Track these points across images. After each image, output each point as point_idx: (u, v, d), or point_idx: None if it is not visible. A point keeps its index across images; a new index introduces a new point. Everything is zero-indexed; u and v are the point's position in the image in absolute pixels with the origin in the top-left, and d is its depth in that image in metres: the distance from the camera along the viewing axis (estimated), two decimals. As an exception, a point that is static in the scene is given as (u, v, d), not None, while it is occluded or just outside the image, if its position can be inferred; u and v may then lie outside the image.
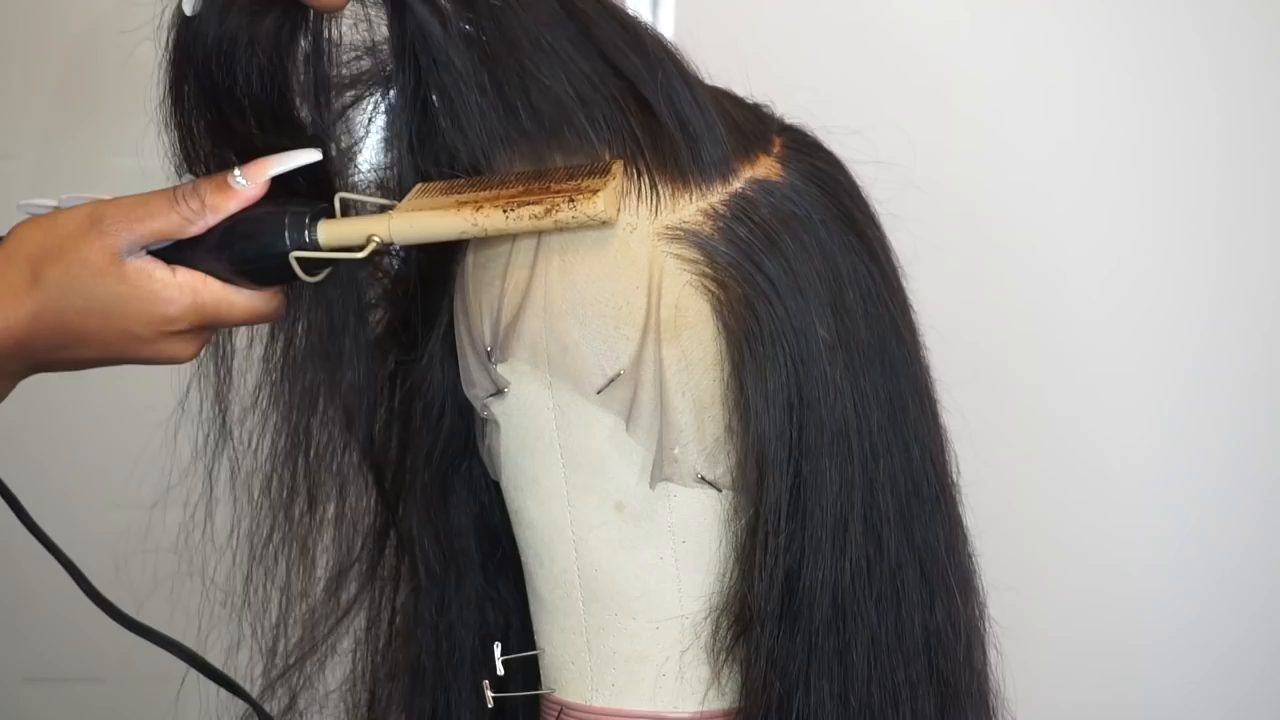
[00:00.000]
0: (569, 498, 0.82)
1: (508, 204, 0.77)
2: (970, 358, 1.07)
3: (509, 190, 0.78)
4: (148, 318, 0.83)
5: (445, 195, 0.81)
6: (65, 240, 0.82)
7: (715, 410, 0.79)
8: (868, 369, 0.80)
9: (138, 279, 0.82)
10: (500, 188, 0.79)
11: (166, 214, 0.82)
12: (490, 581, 0.92)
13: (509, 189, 0.79)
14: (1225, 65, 1.53)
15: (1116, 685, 1.53)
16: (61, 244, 0.82)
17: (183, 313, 0.83)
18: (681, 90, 0.82)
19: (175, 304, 0.83)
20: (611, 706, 0.83)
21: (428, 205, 0.80)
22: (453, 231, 0.79)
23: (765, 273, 0.78)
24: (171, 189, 0.83)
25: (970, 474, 0.87)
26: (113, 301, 0.83)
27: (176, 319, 0.83)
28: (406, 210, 0.80)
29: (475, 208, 0.78)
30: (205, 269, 0.83)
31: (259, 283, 0.84)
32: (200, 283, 0.83)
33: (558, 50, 0.79)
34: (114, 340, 0.84)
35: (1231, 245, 1.54)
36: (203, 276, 0.83)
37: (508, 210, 0.77)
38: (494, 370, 0.81)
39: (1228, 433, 1.54)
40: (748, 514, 0.80)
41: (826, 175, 0.84)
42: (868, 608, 0.79)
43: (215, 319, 0.84)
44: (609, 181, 0.77)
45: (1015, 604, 0.92)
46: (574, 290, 0.79)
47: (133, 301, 0.83)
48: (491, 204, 0.77)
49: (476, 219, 0.78)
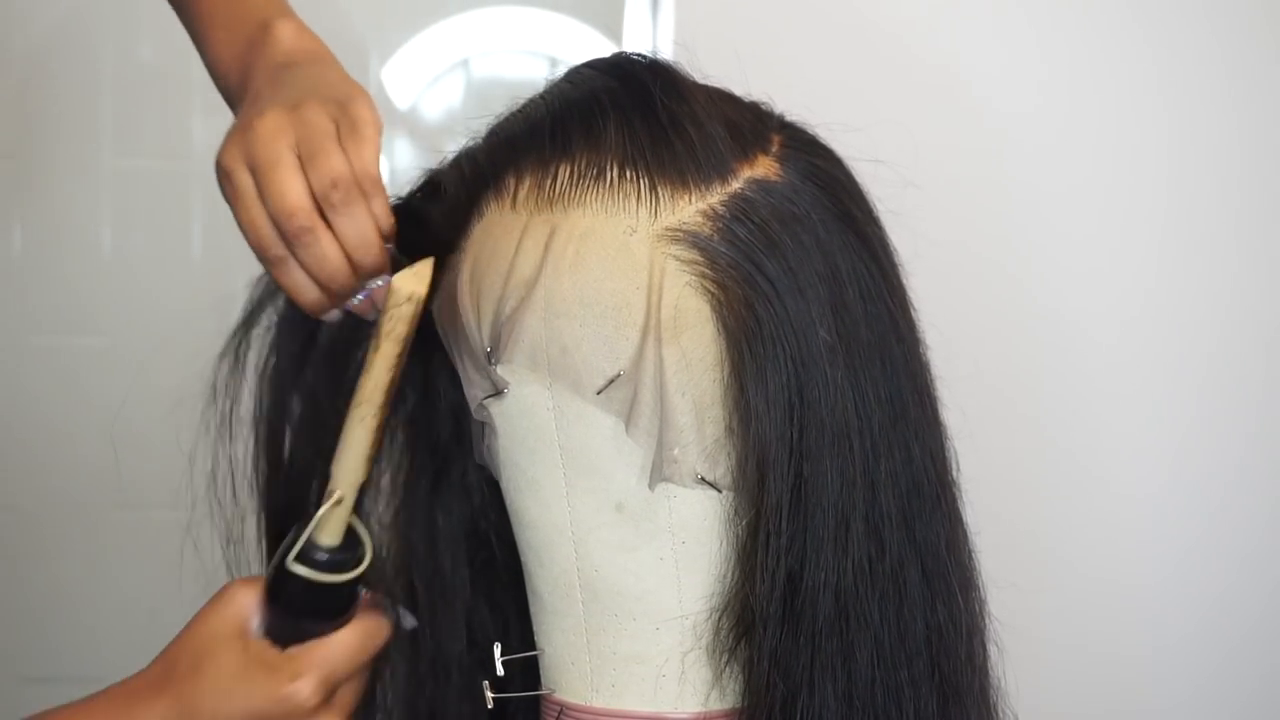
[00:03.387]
0: (569, 498, 0.82)
1: (363, 365, 0.80)
2: (970, 355, 1.07)
3: (366, 367, 0.81)
4: None
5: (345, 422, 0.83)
6: None
7: (715, 411, 0.79)
8: (868, 368, 0.80)
9: None
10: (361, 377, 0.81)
11: None
12: (478, 585, 0.92)
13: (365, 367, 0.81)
14: (1230, 63, 1.52)
15: (1118, 682, 1.53)
16: None
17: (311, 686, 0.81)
18: (678, 92, 0.82)
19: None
20: (611, 707, 0.83)
21: (345, 441, 0.82)
22: (359, 433, 0.81)
23: (765, 273, 0.78)
24: None
25: (970, 471, 0.87)
26: None
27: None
28: (334, 456, 0.82)
29: (353, 397, 0.80)
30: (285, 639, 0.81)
31: (329, 618, 0.82)
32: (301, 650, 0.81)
33: None
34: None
35: (1235, 241, 1.54)
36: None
37: (364, 369, 0.80)
38: (493, 372, 0.81)
39: (1231, 428, 1.54)
40: (748, 515, 0.79)
41: (825, 174, 0.83)
42: (870, 607, 0.79)
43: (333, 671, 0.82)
44: (401, 266, 0.80)
45: (1016, 601, 0.92)
46: (574, 291, 0.79)
47: None
48: (359, 380, 0.80)
49: (359, 401, 0.81)
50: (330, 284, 0.83)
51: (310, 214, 0.82)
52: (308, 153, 0.82)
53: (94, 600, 1.69)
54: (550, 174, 0.81)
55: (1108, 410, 1.54)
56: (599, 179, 0.80)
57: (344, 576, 0.82)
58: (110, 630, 1.67)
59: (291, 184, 0.81)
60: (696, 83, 0.85)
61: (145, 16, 1.69)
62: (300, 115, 0.83)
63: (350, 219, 0.82)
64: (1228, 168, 1.53)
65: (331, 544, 0.82)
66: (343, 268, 0.83)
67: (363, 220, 0.83)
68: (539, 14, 1.74)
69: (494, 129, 0.86)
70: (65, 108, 1.71)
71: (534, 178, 0.82)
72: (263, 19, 0.93)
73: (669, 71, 0.84)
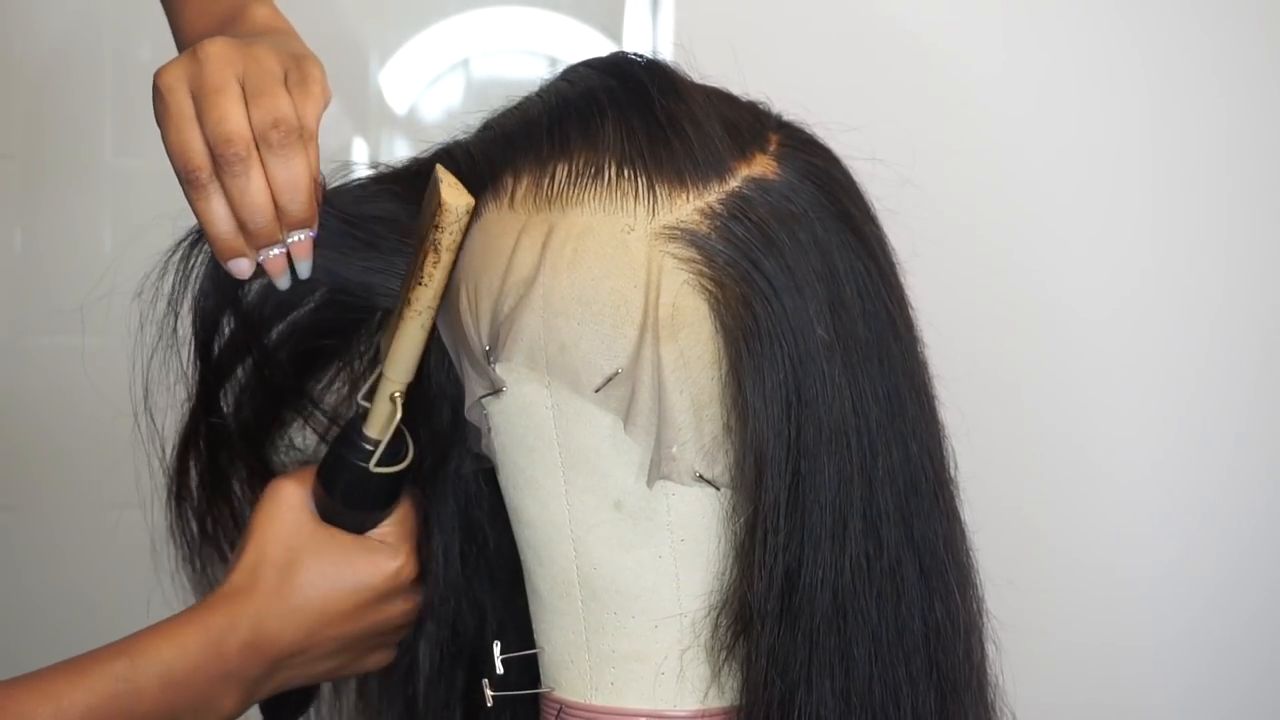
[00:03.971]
0: (568, 497, 0.82)
1: (418, 278, 0.82)
2: (968, 353, 1.07)
3: (412, 268, 0.83)
4: None
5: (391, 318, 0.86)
6: None
7: (713, 409, 0.79)
8: (866, 366, 0.80)
9: None
10: (412, 267, 0.84)
11: None
12: (470, 580, 0.93)
13: (414, 261, 0.84)
14: (1229, 64, 1.52)
15: (1116, 679, 1.53)
16: None
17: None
18: (676, 91, 0.82)
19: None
20: (611, 705, 0.83)
21: (389, 329, 0.86)
22: (419, 335, 0.84)
23: (763, 271, 0.78)
24: None
25: (968, 469, 0.87)
26: None
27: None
28: (386, 350, 0.86)
29: (410, 305, 0.83)
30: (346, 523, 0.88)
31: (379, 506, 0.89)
32: None
33: None
34: None
35: (1233, 238, 1.54)
36: None
37: (423, 282, 0.82)
38: (492, 371, 0.81)
39: (1229, 427, 1.54)
40: (746, 512, 0.80)
41: (823, 172, 0.84)
42: (868, 605, 0.79)
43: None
44: (440, 185, 0.81)
45: (1014, 599, 0.92)
46: (572, 290, 0.79)
47: None
48: (415, 289, 0.83)
49: (420, 309, 0.83)
50: (250, 222, 0.81)
51: (249, 144, 0.80)
52: (254, 89, 0.81)
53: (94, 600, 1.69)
54: (548, 173, 0.81)
55: (1106, 408, 1.54)
56: (597, 178, 0.80)
57: (399, 467, 0.87)
58: (111, 629, 1.67)
59: (233, 111, 0.80)
60: (694, 82, 0.86)
61: (145, 17, 1.69)
62: (252, 52, 0.83)
63: (285, 162, 0.81)
64: (1227, 166, 1.53)
65: (382, 438, 0.86)
66: (267, 207, 0.81)
67: (298, 165, 0.81)
68: (539, 14, 1.74)
69: (489, 124, 0.86)
70: (66, 108, 1.71)
71: (532, 177, 0.82)
72: (240, 3, 0.93)
73: (667, 71, 0.84)
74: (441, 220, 0.81)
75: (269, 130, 0.80)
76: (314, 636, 0.85)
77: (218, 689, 0.82)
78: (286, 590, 0.85)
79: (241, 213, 0.81)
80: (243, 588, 0.84)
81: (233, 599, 0.84)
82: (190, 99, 0.81)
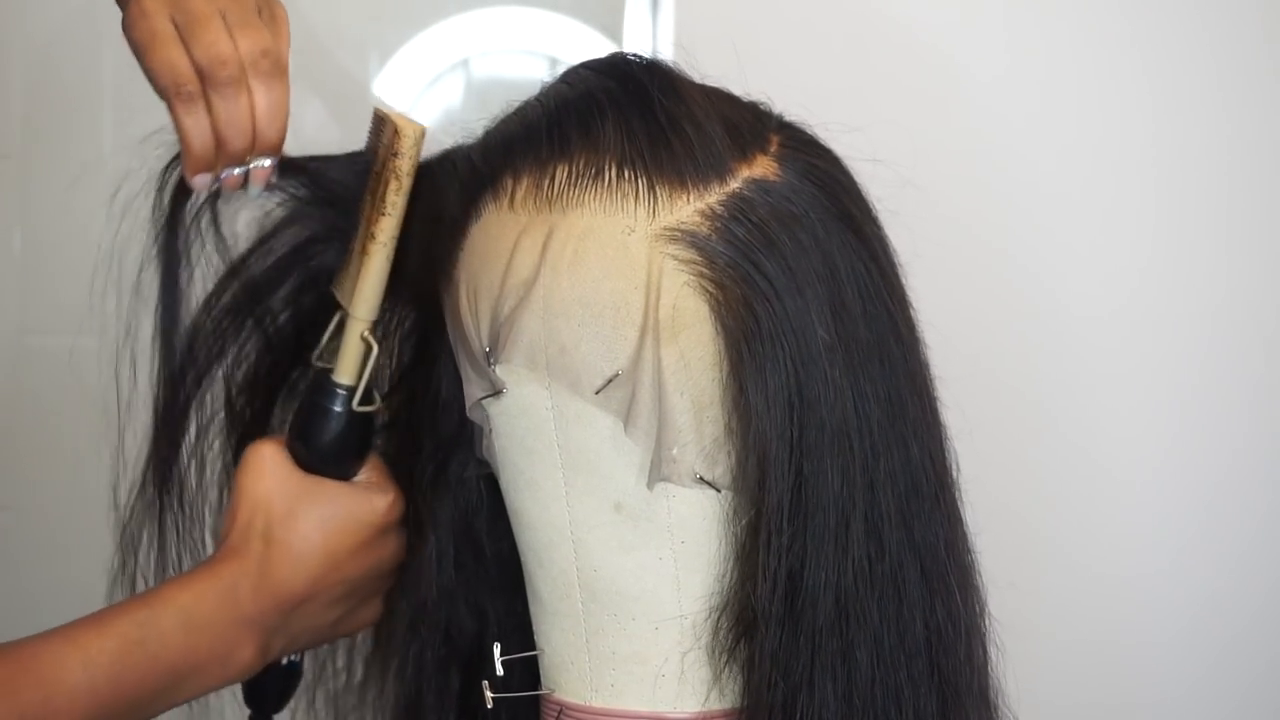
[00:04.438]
0: (568, 498, 0.82)
1: (380, 209, 0.85)
2: (970, 354, 1.07)
3: (371, 201, 0.86)
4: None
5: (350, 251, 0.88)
6: None
7: (714, 411, 0.79)
8: (867, 367, 0.80)
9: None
10: (366, 207, 0.87)
11: None
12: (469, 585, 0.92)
13: (369, 199, 0.86)
14: (1230, 63, 1.52)
15: (1117, 681, 1.53)
16: None
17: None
18: (676, 92, 0.82)
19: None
20: (611, 707, 0.83)
21: (351, 271, 0.87)
22: (384, 268, 0.86)
23: (763, 273, 0.78)
24: None
25: (970, 471, 0.87)
26: None
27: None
28: (350, 292, 0.87)
29: (374, 238, 0.85)
30: (330, 474, 0.90)
31: (360, 453, 0.90)
32: None
33: None
34: None
35: (1235, 237, 1.53)
36: None
37: (386, 212, 0.85)
38: (492, 372, 0.81)
39: (1230, 429, 1.53)
40: (748, 514, 0.79)
41: (824, 173, 0.83)
42: (870, 607, 0.79)
43: None
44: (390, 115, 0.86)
45: (1015, 601, 0.92)
46: (572, 291, 0.79)
47: None
48: (379, 220, 0.85)
49: (385, 240, 0.85)
50: (231, 141, 0.86)
51: (241, 68, 0.85)
52: (237, 20, 0.85)
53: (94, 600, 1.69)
54: (548, 174, 0.81)
55: (1109, 410, 1.53)
56: (597, 179, 0.80)
57: (377, 405, 0.89)
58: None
59: (223, 36, 0.85)
60: (694, 83, 0.85)
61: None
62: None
63: (269, 90, 0.86)
64: (1228, 165, 1.52)
65: (359, 379, 0.88)
66: (248, 129, 0.86)
67: (280, 93, 0.86)
68: (539, 14, 1.74)
69: (490, 131, 0.86)
70: (65, 108, 1.71)
71: (532, 178, 0.82)
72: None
73: (666, 71, 0.84)
74: (400, 146, 0.84)
75: (259, 58, 0.85)
76: (322, 580, 0.88)
77: (235, 635, 0.85)
78: (290, 539, 0.87)
79: (226, 130, 0.86)
80: (243, 544, 0.87)
81: (239, 553, 0.86)
82: (172, 24, 0.85)
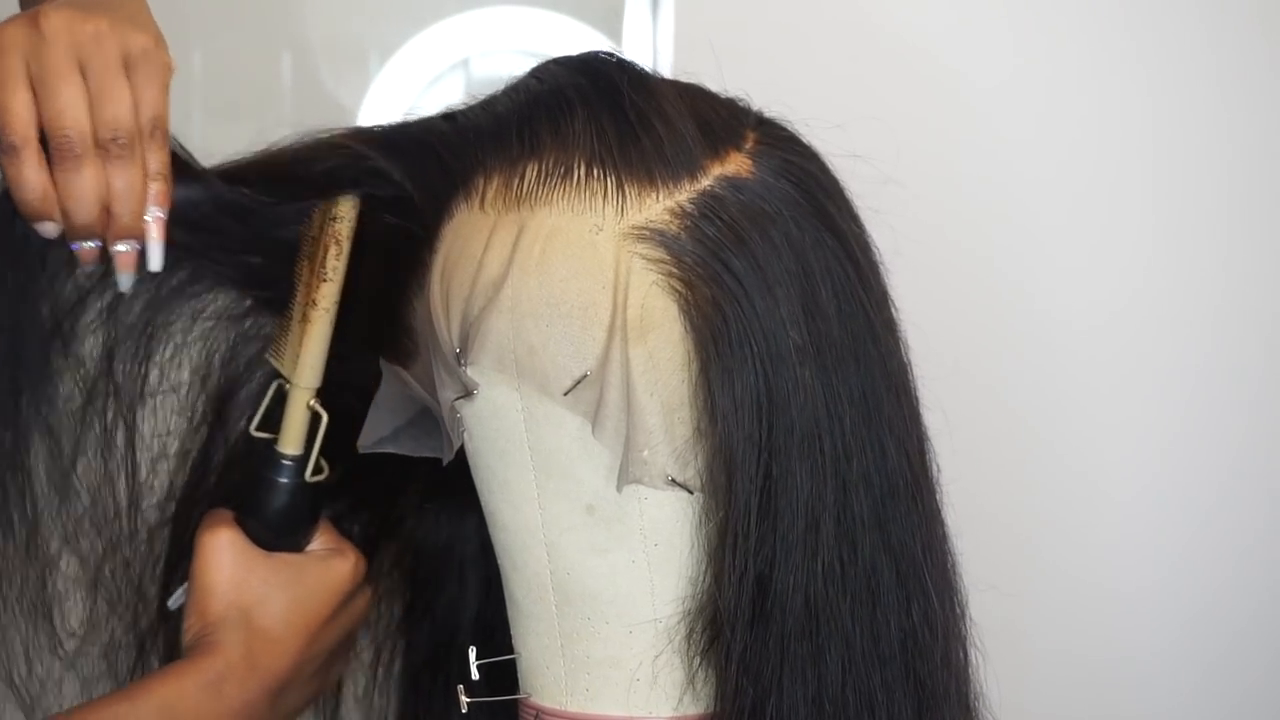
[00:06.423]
0: (540, 500, 0.81)
1: (320, 275, 0.85)
2: (952, 353, 1.06)
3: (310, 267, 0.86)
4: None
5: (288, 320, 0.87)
6: None
7: (684, 412, 0.78)
8: (840, 368, 0.79)
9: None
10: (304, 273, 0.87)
11: None
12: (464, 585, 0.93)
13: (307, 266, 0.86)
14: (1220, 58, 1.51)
15: (1101, 685, 1.51)
16: None
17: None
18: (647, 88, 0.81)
19: None
20: (586, 711, 0.82)
21: (291, 340, 0.87)
22: (327, 333, 0.86)
23: (733, 272, 0.77)
24: None
25: (951, 472, 0.86)
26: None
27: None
28: (292, 361, 0.87)
29: (315, 305, 0.85)
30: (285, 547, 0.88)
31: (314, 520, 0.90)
32: None
33: None
34: None
35: (1225, 238, 1.52)
36: None
37: (326, 278, 0.85)
38: (463, 373, 0.81)
39: (1215, 431, 1.52)
40: (718, 516, 0.79)
41: (800, 170, 0.82)
42: (841, 610, 0.78)
43: None
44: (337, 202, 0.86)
45: (997, 603, 0.91)
46: (541, 291, 0.78)
47: None
48: (320, 287, 0.85)
49: (328, 305, 0.86)
50: (70, 216, 0.81)
51: (88, 146, 0.80)
52: (96, 86, 0.80)
53: (95, 603, 1.69)
54: (518, 173, 0.80)
55: (1093, 410, 1.52)
56: (566, 177, 0.79)
57: (326, 474, 0.88)
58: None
59: (76, 104, 0.79)
60: (669, 80, 0.85)
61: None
62: (92, 29, 0.80)
63: (121, 172, 0.81)
64: (1216, 163, 1.51)
65: (310, 449, 0.88)
66: (92, 207, 0.81)
67: (132, 178, 0.81)
68: (539, 14, 1.74)
69: (460, 126, 0.85)
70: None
71: (502, 177, 0.81)
72: None
73: (638, 69, 0.83)
74: (338, 211, 0.85)
75: (110, 142, 0.80)
76: (303, 656, 0.86)
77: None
78: (270, 625, 0.85)
79: (66, 202, 0.81)
80: (221, 637, 0.84)
81: (218, 647, 0.84)
82: (24, 65, 0.80)
